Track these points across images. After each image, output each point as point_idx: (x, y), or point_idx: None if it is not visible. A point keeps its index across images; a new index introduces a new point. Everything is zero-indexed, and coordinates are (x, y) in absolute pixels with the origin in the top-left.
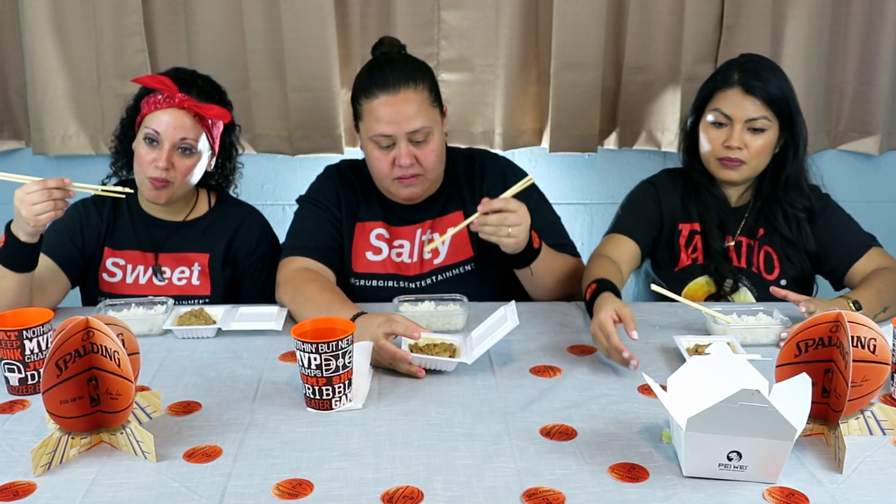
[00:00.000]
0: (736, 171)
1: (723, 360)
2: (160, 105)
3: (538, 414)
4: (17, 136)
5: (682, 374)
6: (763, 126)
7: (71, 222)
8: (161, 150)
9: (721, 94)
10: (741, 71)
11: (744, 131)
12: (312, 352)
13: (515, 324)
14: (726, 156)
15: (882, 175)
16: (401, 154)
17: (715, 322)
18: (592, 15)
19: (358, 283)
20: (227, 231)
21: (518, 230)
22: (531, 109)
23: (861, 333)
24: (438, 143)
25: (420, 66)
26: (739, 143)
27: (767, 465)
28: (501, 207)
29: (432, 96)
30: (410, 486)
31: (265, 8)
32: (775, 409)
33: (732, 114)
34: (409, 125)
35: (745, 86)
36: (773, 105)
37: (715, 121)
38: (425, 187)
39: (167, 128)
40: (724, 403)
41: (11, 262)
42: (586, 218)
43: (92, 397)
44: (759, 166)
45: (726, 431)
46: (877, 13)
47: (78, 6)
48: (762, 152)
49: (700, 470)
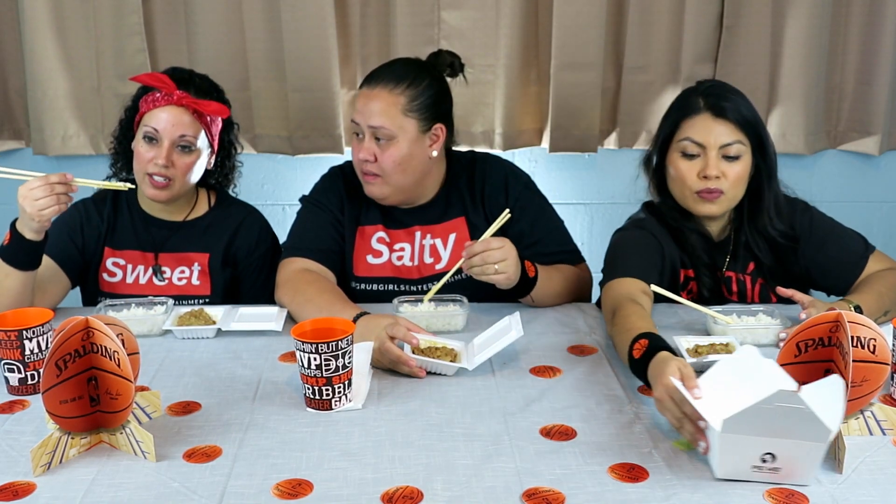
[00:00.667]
0: (716, 204)
1: (750, 362)
2: (158, 103)
3: (538, 414)
4: (17, 136)
5: (709, 377)
6: (738, 152)
7: (71, 221)
8: (160, 147)
9: (689, 123)
10: (705, 96)
11: (719, 159)
12: (312, 352)
13: (520, 334)
14: (704, 187)
15: (882, 175)
16: (362, 146)
17: (715, 322)
18: (592, 15)
19: (359, 287)
20: (226, 231)
21: (505, 265)
22: (531, 109)
23: (861, 333)
24: (401, 152)
25: (420, 76)
26: (717, 171)
27: (800, 466)
28: (483, 249)
29: (413, 107)
30: (410, 486)
31: (265, 8)
32: (811, 410)
33: (704, 140)
34: (370, 119)
35: (713, 109)
36: (745, 128)
37: (686, 152)
38: (388, 192)
39: (166, 125)
40: (762, 404)
41: (16, 260)
42: (586, 218)
43: (92, 397)
44: (737, 196)
45: (762, 433)
46: (877, 13)
47: (78, 6)
48: (739, 181)
49: (733, 472)
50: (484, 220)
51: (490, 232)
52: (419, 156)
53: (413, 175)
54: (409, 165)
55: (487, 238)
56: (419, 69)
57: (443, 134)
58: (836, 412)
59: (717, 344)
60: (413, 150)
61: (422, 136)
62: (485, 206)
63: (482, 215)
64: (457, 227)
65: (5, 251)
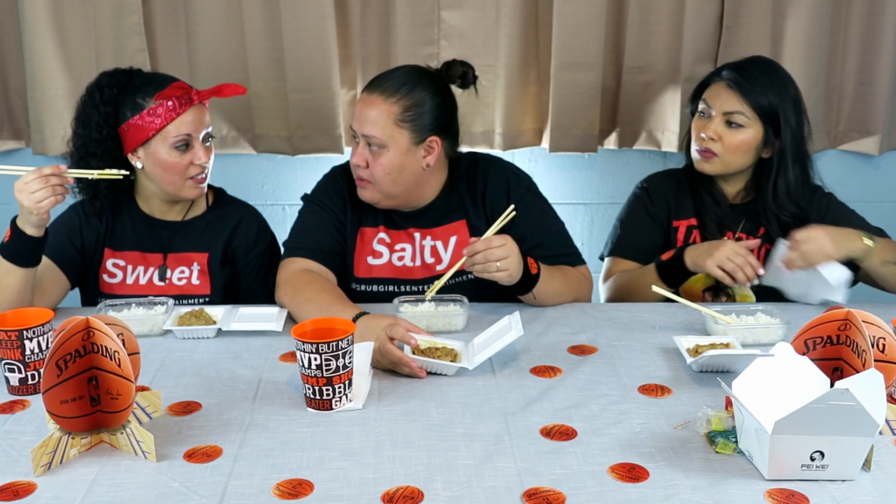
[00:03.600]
0: (709, 164)
1: (786, 360)
2: (180, 109)
3: (538, 414)
4: (17, 136)
5: (747, 377)
6: (740, 122)
7: (70, 222)
8: (194, 149)
9: (710, 86)
10: (735, 68)
11: (721, 124)
12: (312, 352)
13: (520, 333)
14: (702, 146)
15: (882, 175)
16: (356, 150)
17: (715, 322)
18: (592, 15)
19: (359, 288)
20: (224, 230)
21: (507, 262)
22: (531, 109)
23: (870, 332)
24: (391, 162)
25: (419, 88)
26: (714, 133)
27: (848, 462)
28: (485, 247)
29: (406, 117)
30: (411, 486)
31: (265, 8)
32: (862, 406)
33: (713, 104)
34: (363, 127)
35: (730, 80)
36: (755, 106)
37: (700, 110)
38: (378, 197)
39: (195, 126)
40: (814, 404)
41: (17, 256)
42: (586, 218)
43: (92, 397)
44: (733, 162)
45: (812, 432)
46: (877, 13)
47: (78, 6)
48: (738, 148)
49: (783, 473)
50: (485, 223)
51: (493, 230)
52: (411, 166)
53: (404, 184)
54: (399, 175)
55: (489, 236)
56: (420, 78)
57: (438, 146)
58: (881, 406)
59: (717, 344)
60: (404, 160)
61: (414, 148)
62: (486, 208)
63: (483, 218)
64: (457, 230)
65: (6, 248)
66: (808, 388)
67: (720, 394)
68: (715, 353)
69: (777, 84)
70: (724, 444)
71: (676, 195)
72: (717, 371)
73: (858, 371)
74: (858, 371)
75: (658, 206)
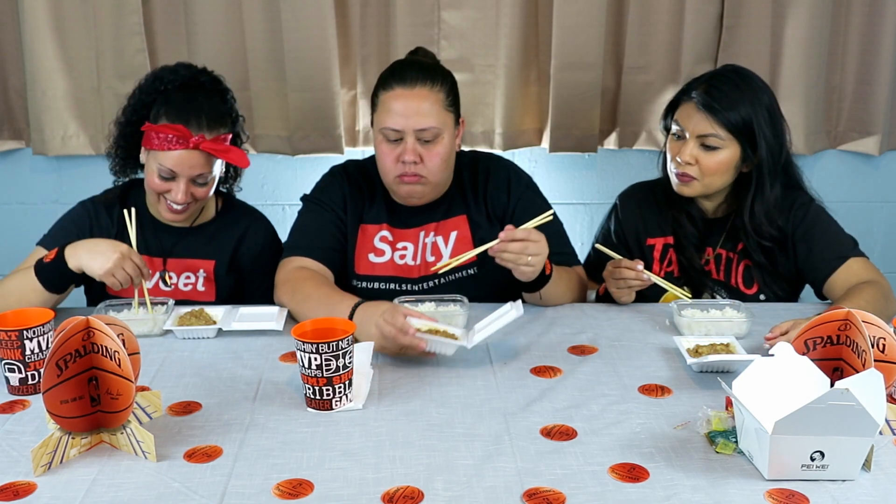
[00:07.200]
0: (688, 187)
1: (785, 360)
2: (173, 146)
3: (538, 414)
4: (17, 136)
5: (747, 378)
6: (715, 144)
7: (80, 221)
8: (177, 183)
9: (681, 106)
10: (704, 87)
11: (696, 146)
12: (313, 352)
13: (520, 313)
14: (679, 170)
15: (882, 175)
16: (406, 150)
17: (680, 315)
18: (592, 15)
19: (360, 285)
20: (232, 238)
21: (537, 259)
22: (531, 109)
23: (870, 332)
24: (446, 148)
25: (443, 71)
26: (690, 157)
27: (848, 462)
28: (525, 238)
29: (448, 100)
30: (411, 486)
31: (265, 8)
32: (862, 406)
33: (685, 126)
34: (418, 122)
35: (700, 100)
36: (728, 125)
37: (673, 132)
38: (427, 191)
39: (183, 167)
40: (814, 404)
41: (49, 280)
42: (586, 218)
43: (92, 397)
44: (713, 183)
45: (812, 432)
46: (877, 13)
47: (78, 6)
48: (715, 170)
49: (783, 473)
50: (486, 219)
51: (533, 224)
52: (454, 149)
53: (450, 169)
54: (449, 160)
55: (531, 228)
56: (435, 62)
57: (463, 125)
58: (881, 406)
59: (717, 344)
60: (452, 144)
61: (455, 130)
62: (487, 204)
63: (484, 213)
64: (458, 225)
65: (42, 269)
66: (808, 389)
67: (720, 394)
68: (715, 359)
69: (748, 95)
70: (725, 444)
71: (651, 212)
72: (717, 371)
73: (858, 371)
74: (858, 371)
75: (626, 226)
